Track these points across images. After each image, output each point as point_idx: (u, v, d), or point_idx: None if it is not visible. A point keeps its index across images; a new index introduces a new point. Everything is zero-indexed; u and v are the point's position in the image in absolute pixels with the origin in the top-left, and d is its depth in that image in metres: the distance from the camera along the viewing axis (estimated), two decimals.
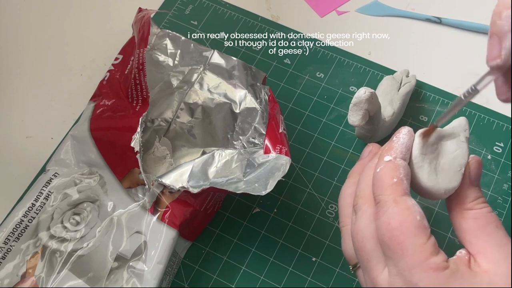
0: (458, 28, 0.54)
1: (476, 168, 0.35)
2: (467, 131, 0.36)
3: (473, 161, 0.36)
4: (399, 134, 0.36)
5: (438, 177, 0.35)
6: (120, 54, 0.49)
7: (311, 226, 0.45)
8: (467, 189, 0.35)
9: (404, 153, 0.35)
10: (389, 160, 0.34)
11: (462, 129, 0.36)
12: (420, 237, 0.32)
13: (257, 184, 0.40)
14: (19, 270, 0.41)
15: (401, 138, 0.35)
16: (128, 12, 0.51)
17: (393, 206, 0.33)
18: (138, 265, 0.41)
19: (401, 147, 0.35)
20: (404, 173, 0.34)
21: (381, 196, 0.33)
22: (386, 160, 0.34)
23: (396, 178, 0.33)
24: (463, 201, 0.35)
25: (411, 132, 0.36)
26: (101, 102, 0.47)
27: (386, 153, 0.35)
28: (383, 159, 0.35)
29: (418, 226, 0.32)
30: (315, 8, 0.56)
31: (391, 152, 0.35)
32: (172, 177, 0.44)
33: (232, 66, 0.48)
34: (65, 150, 0.45)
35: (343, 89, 0.51)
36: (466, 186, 0.35)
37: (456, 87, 0.51)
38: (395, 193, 0.33)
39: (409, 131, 0.35)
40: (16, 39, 0.56)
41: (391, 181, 0.33)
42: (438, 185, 0.35)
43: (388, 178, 0.34)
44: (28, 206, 0.43)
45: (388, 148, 0.35)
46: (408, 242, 0.32)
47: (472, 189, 0.35)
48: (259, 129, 0.46)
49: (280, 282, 0.43)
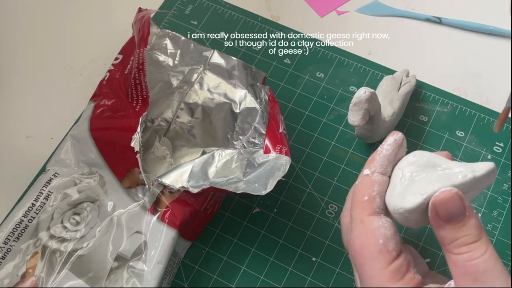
0: (458, 28, 0.54)
1: (441, 203, 0.30)
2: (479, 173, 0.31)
3: (439, 196, 0.30)
4: (384, 144, 0.34)
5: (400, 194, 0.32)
6: (120, 54, 0.49)
7: (311, 226, 0.45)
8: (439, 230, 0.31)
9: (385, 166, 0.33)
10: (367, 174, 0.33)
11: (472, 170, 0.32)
12: (379, 261, 0.31)
13: (257, 184, 0.40)
14: (19, 270, 0.41)
15: (384, 149, 0.34)
16: (128, 12, 0.51)
17: (358, 226, 0.32)
18: (138, 265, 0.41)
19: (381, 160, 0.33)
20: (378, 190, 0.33)
21: (352, 212, 0.33)
22: (365, 174, 0.34)
23: (368, 195, 0.32)
24: (441, 240, 0.31)
25: (399, 141, 0.34)
26: (101, 102, 0.47)
27: (367, 166, 0.34)
28: (363, 171, 0.34)
29: (379, 251, 0.31)
30: (315, 8, 0.56)
31: (371, 165, 0.34)
32: (172, 177, 0.44)
33: (232, 66, 0.48)
34: (65, 150, 0.45)
35: (343, 89, 0.51)
36: (438, 226, 0.30)
37: (456, 87, 0.51)
38: (363, 212, 0.32)
39: (395, 141, 0.34)
40: (16, 39, 0.56)
41: (362, 199, 0.33)
42: (393, 201, 0.32)
43: (360, 195, 0.33)
44: (28, 206, 0.43)
45: (369, 160, 0.34)
46: (367, 266, 0.31)
47: (446, 228, 0.30)
48: (259, 129, 0.46)
49: (280, 282, 0.43)
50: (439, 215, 0.30)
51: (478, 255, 0.29)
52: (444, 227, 0.30)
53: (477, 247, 0.29)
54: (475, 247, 0.29)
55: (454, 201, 0.30)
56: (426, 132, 0.49)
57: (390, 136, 0.34)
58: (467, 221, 0.30)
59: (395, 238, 0.32)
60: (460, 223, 0.30)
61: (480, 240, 0.30)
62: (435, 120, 0.49)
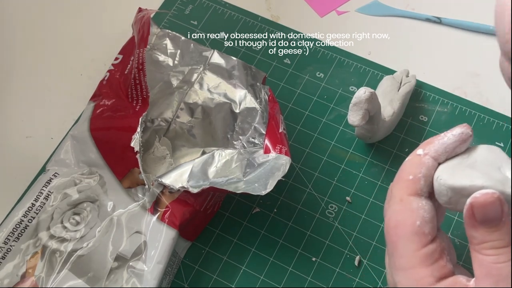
0: (458, 28, 0.54)
1: (481, 206, 0.29)
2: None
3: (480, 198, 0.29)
4: (449, 132, 0.33)
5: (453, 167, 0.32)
6: (120, 54, 0.49)
7: (311, 226, 0.45)
8: (471, 229, 0.30)
9: (440, 152, 0.32)
10: (419, 154, 0.33)
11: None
12: (414, 243, 0.30)
13: (257, 184, 0.40)
14: (19, 270, 0.41)
15: (446, 137, 0.33)
16: (128, 12, 0.51)
17: (397, 203, 0.32)
18: (138, 265, 0.41)
19: (439, 145, 0.32)
20: (425, 173, 0.32)
21: (393, 188, 0.33)
22: (417, 154, 0.33)
23: (413, 175, 0.32)
24: (470, 240, 0.31)
25: (464, 136, 0.33)
26: (101, 102, 0.47)
27: (422, 146, 0.33)
28: (416, 151, 0.33)
29: (415, 232, 0.30)
30: (315, 8, 0.56)
31: (426, 147, 0.33)
32: (172, 177, 0.44)
33: (232, 66, 0.48)
34: (65, 150, 0.45)
35: (343, 89, 0.51)
36: (471, 225, 0.30)
37: (456, 87, 0.51)
38: (404, 190, 0.32)
39: (460, 134, 0.32)
40: (16, 39, 0.56)
41: (407, 177, 0.32)
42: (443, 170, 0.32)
43: (406, 173, 0.32)
44: (28, 206, 0.43)
45: (427, 141, 0.33)
46: (400, 245, 0.31)
47: (479, 230, 0.30)
48: (259, 129, 0.46)
49: (280, 282, 0.43)
50: (475, 216, 0.30)
51: (504, 260, 0.29)
52: (477, 228, 0.30)
53: (505, 252, 0.29)
54: (503, 252, 0.29)
55: (494, 206, 0.29)
56: (426, 132, 0.49)
57: (459, 127, 0.33)
58: (501, 227, 0.29)
59: (432, 222, 0.31)
60: (494, 227, 0.29)
61: (508, 246, 0.29)
62: (435, 120, 0.49)
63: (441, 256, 0.31)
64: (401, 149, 0.48)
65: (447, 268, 0.31)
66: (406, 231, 0.31)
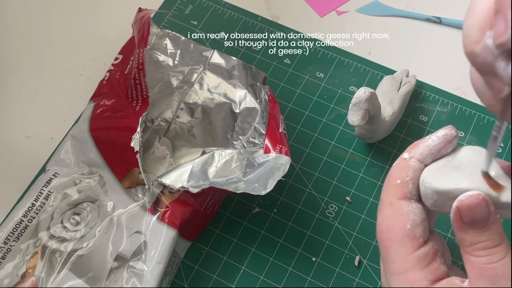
0: (458, 28, 0.54)
1: (467, 208, 0.29)
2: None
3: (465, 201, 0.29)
4: (433, 134, 0.33)
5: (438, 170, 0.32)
6: (120, 54, 0.49)
7: (311, 226, 0.45)
8: (460, 232, 0.30)
9: (425, 155, 0.32)
10: (405, 158, 0.33)
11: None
12: (406, 246, 0.30)
13: (257, 184, 0.40)
14: (19, 270, 0.41)
15: (431, 140, 0.33)
16: (128, 12, 0.51)
17: (387, 208, 0.32)
18: (138, 265, 0.41)
19: (423, 148, 0.33)
20: (412, 176, 0.32)
21: (383, 193, 0.33)
22: (403, 157, 0.33)
23: (401, 179, 0.32)
24: (460, 242, 0.30)
25: (449, 137, 0.32)
26: (101, 102, 0.47)
27: (408, 150, 0.33)
28: (403, 155, 0.33)
29: (406, 235, 0.30)
30: (315, 8, 0.56)
31: (411, 150, 0.33)
32: (172, 177, 0.44)
33: (232, 66, 0.48)
34: (65, 150, 0.45)
35: (343, 89, 0.51)
36: (460, 228, 0.30)
37: (456, 87, 0.51)
38: (394, 195, 0.32)
39: (444, 136, 0.32)
40: (16, 39, 0.56)
41: (394, 182, 0.32)
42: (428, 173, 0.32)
43: (393, 178, 0.33)
44: (28, 206, 0.43)
45: (413, 145, 0.33)
46: (392, 249, 0.31)
47: (468, 232, 0.30)
48: (259, 129, 0.46)
49: (280, 282, 0.43)
50: (462, 218, 0.30)
51: (497, 259, 0.29)
52: (466, 230, 0.30)
53: (497, 252, 0.29)
54: (495, 251, 0.29)
55: (480, 207, 0.29)
56: (426, 132, 0.49)
57: (443, 129, 0.33)
58: (490, 227, 0.29)
59: (423, 224, 0.31)
60: (483, 228, 0.29)
61: (500, 245, 0.29)
62: (435, 120, 0.49)
63: (434, 258, 0.31)
64: (401, 149, 0.48)
65: (441, 270, 0.31)
66: (397, 235, 0.31)
